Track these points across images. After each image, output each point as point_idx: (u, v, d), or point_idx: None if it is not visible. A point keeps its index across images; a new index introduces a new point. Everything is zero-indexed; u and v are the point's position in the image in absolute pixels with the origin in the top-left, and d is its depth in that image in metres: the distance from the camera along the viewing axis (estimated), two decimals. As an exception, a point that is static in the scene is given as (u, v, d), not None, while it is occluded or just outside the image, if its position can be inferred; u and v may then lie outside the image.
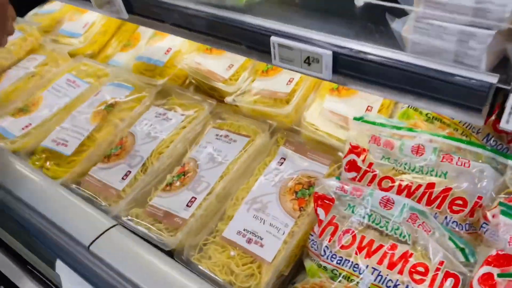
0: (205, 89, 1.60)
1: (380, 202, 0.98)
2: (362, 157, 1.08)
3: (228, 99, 1.46)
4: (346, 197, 1.03)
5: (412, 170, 1.03)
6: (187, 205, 1.18)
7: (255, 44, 0.96)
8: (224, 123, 1.39)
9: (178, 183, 1.25)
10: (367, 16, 0.87)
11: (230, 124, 1.39)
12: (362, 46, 0.81)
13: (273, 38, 0.89)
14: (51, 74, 1.70)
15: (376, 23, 0.85)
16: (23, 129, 1.51)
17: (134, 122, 1.46)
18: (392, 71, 0.78)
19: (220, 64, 1.57)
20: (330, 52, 0.83)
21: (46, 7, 2.07)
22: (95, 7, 1.20)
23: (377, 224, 0.98)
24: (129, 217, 1.21)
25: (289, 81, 1.43)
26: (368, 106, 1.32)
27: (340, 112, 1.31)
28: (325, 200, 1.05)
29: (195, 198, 1.19)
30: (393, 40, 0.77)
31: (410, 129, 1.09)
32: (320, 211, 1.04)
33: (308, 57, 0.92)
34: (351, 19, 0.88)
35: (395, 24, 0.76)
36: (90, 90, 1.62)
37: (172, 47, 1.66)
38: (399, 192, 1.01)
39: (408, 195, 1.00)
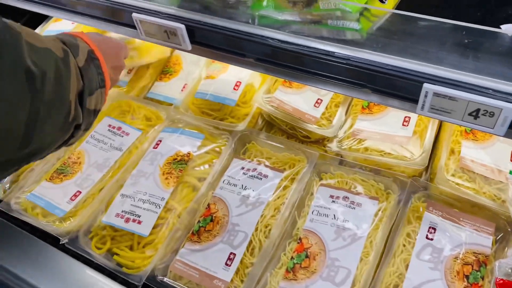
0: (284, 129, 1.33)
1: None
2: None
3: (332, 147, 1.20)
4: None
5: None
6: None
7: (390, 89, 0.73)
8: (336, 181, 1.13)
9: (302, 271, 0.99)
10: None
11: (343, 182, 1.13)
12: None
13: (427, 86, 0.68)
14: (87, 119, 1.35)
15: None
16: (71, 199, 1.18)
17: (217, 182, 1.17)
18: None
19: (306, 100, 1.30)
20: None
21: (54, 26, 1.69)
22: (144, 36, 0.90)
23: None
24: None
25: (405, 121, 1.19)
26: (512, 151, 1.10)
27: (484, 162, 1.09)
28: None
29: (337, 292, 0.94)
30: None
31: None
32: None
33: (478, 110, 0.71)
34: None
35: None
36: (144, 139, 1.30)
37: (241, 81, 1.36)
38: None
39: None
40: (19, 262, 1.13)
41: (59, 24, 1.68)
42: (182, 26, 0.83)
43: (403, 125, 1.19)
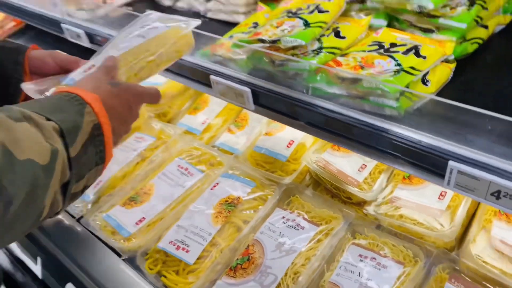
0: (329, 188, 1.45)
1: None
2: None
3: (369, 210, 1.29)
4: None
5: None
6: None
7: (421, 162, 0.81)
8: (368, 242, 1.22)
9: (322, 317, 1.08)
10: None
11: (374, 244, 1.21)
12: None
13: (452, 164, 0.75)
14: (160, 159, 1.60)
15: None
16: (137, 223, 1.39)
17: (259, 226, 1.32)
18: None
19: (351, 164, 1.42)
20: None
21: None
22: (217, 95, 1.09)
23: None
24: None
25: (441, 194, 1.26)
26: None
27: (514, 244, 1.11)
28: None
29: None
30: None
31: None
32: None
33: (499, 191, 0.76)
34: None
35: None
36: (205, 180, 1.50)
37: (295, 140, 1.53)
38: None
39: None
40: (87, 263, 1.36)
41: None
42: (248, 90, 0.99)
43: (439, 198, 1.25)
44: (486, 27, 0.95)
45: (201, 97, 1.87)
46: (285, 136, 1.55)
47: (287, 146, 1.52)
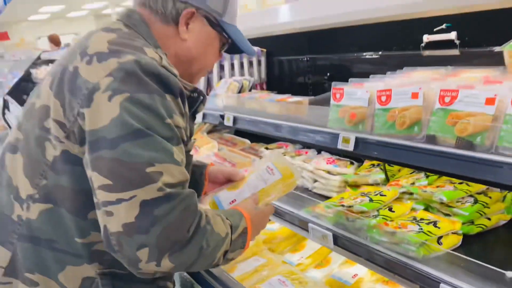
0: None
1: None
2: None
3: None
4: None
5: None
6: None
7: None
8: None
9: None
10: None
11: None
12: None
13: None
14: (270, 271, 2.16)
15: None
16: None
17: None
18: None
19: None
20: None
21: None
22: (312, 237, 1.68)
23: None
24: None
25: None
26: None
27: None
28: None
29: None
30: None
31: None
32: None
33: None
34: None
35: None
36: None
37: (359, 274, 2.07)
38: None
39: None
40: None
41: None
42: (330, 233, 1.59)
43: None
44: (489, 219, 1.49)
45: (301, 243, 2.47)
46: (352, 271, 2.10)
47: (352, 277, 2.06)
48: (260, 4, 4.56)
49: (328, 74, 2.43)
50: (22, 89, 5.28)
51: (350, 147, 1.49)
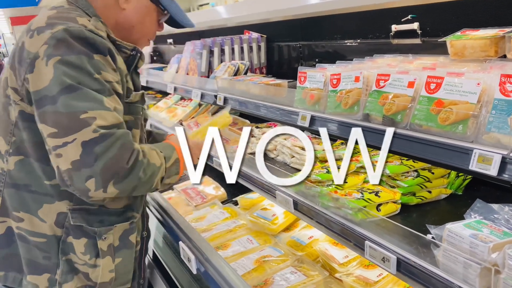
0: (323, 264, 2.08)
1: None
2: None
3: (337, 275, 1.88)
4: None
5: None
6: None
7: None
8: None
9: None
10: None
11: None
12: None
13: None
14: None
15: None
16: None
17: None
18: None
19: (339, 253, 2.09)
20: None
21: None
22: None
23: None
24: None
25: None
26: None
27: None
28: None
29: None
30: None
31: None
32: None
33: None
34: None
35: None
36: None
37: (314, 236, 2.33)
38: None
39: None
40: None
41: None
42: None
43: None
44: (430, 192, 1.67)
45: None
46: (309, 233, 2.36)
47: (309, 238, 2.32)
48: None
49: (317, 60, 2.61)
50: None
51: (306, 124, 1.69)
